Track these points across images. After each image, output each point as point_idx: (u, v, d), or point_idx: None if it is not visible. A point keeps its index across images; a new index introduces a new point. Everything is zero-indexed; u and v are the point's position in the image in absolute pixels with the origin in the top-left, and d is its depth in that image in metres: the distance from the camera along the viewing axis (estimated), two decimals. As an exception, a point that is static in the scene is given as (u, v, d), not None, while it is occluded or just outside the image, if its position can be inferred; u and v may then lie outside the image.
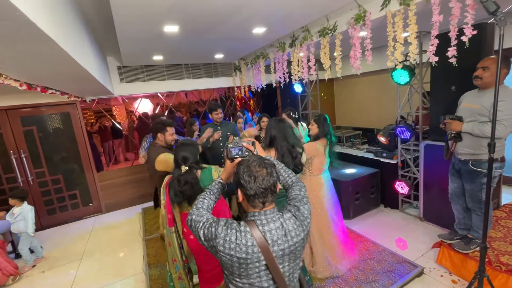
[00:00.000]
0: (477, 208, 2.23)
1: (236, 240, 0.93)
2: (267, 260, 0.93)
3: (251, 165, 1.01)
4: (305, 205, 1.09)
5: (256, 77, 4.56)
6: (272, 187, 1.00)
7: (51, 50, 1.43)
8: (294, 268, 1.05)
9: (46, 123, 4.29)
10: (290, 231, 0.98)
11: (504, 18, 1.40)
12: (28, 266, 3.17)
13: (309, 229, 1.07)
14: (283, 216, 1.01)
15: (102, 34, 3.12)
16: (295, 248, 0.99)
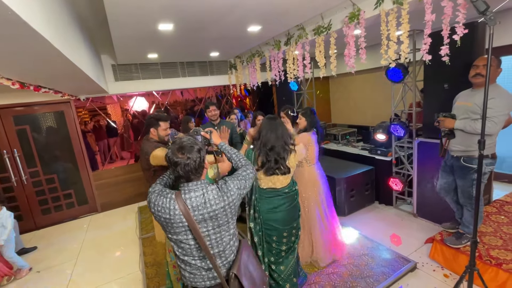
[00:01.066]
0: (468, 203, 2.29)
1: (162, 204, 1.16)
2: (188, 222, 1.14)
3: (173, 151, 1.16)
4: (235, 180, 1.26)
5: (251, 75, 4.56)
6: (193, 170, 1.16)
7: (43, 49, 1.42)
8: (220, 232, 1.22)
9: (39, 122, 4.25)
10: (210, 199, 1.16)
11: (494, 18, 1.42)
12: (25, 270, 3.06)
13: (233, 199, 1.22)
14: (206, 187, 1.19)
15: (95, 32, 3.09)
16: (215, 215, 1.17)
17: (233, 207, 1.23)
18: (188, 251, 1.22)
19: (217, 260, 1.25)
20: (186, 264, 1.25)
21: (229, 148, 1.51)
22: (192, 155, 1.15)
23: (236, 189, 1.23)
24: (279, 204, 1.96)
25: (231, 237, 1.28)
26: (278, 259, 2.04)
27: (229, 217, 1.23)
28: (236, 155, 1.48)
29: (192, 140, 1.21)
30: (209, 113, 3.23)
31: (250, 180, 1.34)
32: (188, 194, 1.16)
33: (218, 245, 1.22)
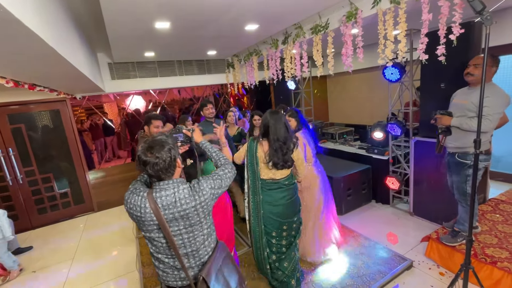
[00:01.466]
0: (462, 199, 2.33)
1: (134, 202, 1.16)
2: (158, 220, 1.14)
3: (143, 150, 1.15)
4: (209, 180, 1.26)
5: (249, 74, 4.55)
6: (163, 170, 1.15)
7: (37, 48, 1.40)
8: (193, 232, 1.21)
9: (35, 121, 4.20)
10: (181, 199, 1.15)
11: (490, 17, 1.43)
12: (15, 271, 3.01)
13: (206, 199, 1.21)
14: (178, 187, 1.18)
15: (91, 30, 3.06)
16: (185, 214, 1.16)
17: (205, 206, 1.22)
18: (160, 249, 1.22)
19: (191, 260, 1.25)
20: (159, 262, 1.26)
21: (210, 146, 1.52)
22: (161, 154, 1.14)
23: (209, 189, 1.22)
24: (279, 197, 1.98)
25: (205, 237, 1.27)
26: (281, 256, 2.05)
27: (201, 217, 1.22)
28: (216, 154, 1.49)
29: (163, 139, 1.18)
30: (206, 111, 3.24)
31: (228, 180, 1.34)
32: (159, 192, 1.16)
33: (191, 244, 1.22)
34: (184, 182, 1.22)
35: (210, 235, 1.31)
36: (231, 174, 1.37)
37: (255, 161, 1.98)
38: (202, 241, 1.26)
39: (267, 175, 1.97)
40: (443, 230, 2.65)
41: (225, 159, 1.47)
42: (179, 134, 1.50)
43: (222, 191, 1.31)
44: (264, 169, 1.97)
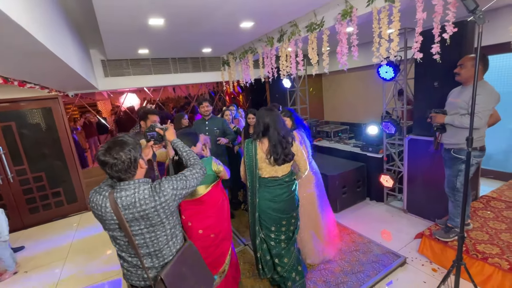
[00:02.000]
0: (451, 194, 2.40)
1: (96, 201, 1.18)
2: (118, 220, 1.16)
3: (102, 150, 1.14)
4: (172, 181, 1.24)
5: (244, 72, 4.53)
6: (122, 171, 1.15)
7: (26, 43, 1.37)
8: (155, 232, 1.22)
9: (26, 119, 4.12)
10: (140, 199, 1.15)
11: (482, 16, 1.44)
12: (8, 273, 2.95)
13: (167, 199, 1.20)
14: (139, 187, 1.18)
15: (84, 26, 3.00)
16: (145, 214, 1.17)
17: (166, 207, 1.21)
18: (123, 248, 1.24)
19: (154, 260, 1.25)
20: (124, 261, 1.28)
21: (181, 146, 1.53)
22: (120, 155, 1.13)
23: (170, 190, 1.22)
24: (280, 193, 1.99)
25: (168, 238, 1.27)
26: (281, 251, 2.07)
27: (162, 217, 1.21)
28: (187, 153, 1.50)
29: (124, 139, 1.18)
30: (202, 109, 3.26)
31: (195, 180, 1.34)
32: (119, 193, 1.16)
33: (154, 244, 1.22)
34: (146, 183, 1.21)
35: (175, 236, 1.30)
36: (199, 175, 1.37)
37: (254, 163, 1.97)
38: (165, 242, 1.25)
39: (269, 173, 1.98)
40: (435, 227, 2.68)
41: (195, 159, 1.47)
42: (153, 133, 1.52)
43: (188, 191, 1.31)
44: (265, 168, 1.97)
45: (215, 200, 1.95)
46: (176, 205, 1.28)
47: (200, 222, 1.92)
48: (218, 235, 1.97)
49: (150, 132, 1.52)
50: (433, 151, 2.92)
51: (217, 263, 2.03)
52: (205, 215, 1.92)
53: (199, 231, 1.92)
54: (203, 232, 1.93)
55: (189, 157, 1.48)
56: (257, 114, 2.02)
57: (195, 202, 1.90)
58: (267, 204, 1.99)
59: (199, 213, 1.92)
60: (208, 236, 1.94)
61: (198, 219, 1.92)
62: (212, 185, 1.93)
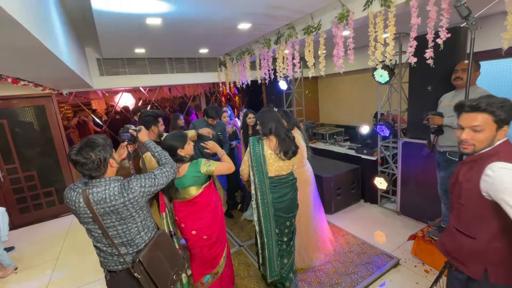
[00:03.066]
0: (444, 196, 2.44)
1: (70, 197, 1.29)
2: (92, 214, 1.26)
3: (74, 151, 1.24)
4: (141, 179, 1.35)
5: (241, 73, 4.54)
6: (93, 170, 1.25)
7: (21, 38, 1.35)
8: (126, 224, 1.33)
9: (18, 117, 4.05)
10: (110, 195, 1.26)
11: (475, 23, 1.49)
12: (10, 269, 2.96)
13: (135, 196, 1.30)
14: (109, 184, 1.29)
15: (79, 23, 2.97)
16: (115, 209, 1.27)
17: (135, 203, 1.32)
18: (98, 239, 1.35)
19: (128, 248, 1.37)
20: (100, 251, 1.40)
21: (154, 146, 1.62)
22: (90, 155, 1.23)
23: (138, 187, 1.32)
24: (286, 192, 2.03)
25: (139, 229, 1.39)
26: (282, 253, 2.08)
27: (131, 212, 1.32)
28: (159, 153, 1.59)
29: (96, 140, 1.27)
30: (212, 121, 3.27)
31: (164, 178, 1.44)
32: (91, 189, 1.27)
33: (126, 235, 1.35)
34: (117, 180, 1.32)
35: (146, 227, 1.42)
36: (169, 173, 1.48)
37: (262, 160, 2.00)
38: (137, 232, 1.38)
39: (275, 171, 2.01)
40: (428, 228, 2.72)
41: (166, 158, 1.56)
42: (126, 134, 1.62)
43: (157, 189, 1.41)
44: (272, 165, 2.00)
45: (207, 202, 1.94)
46: (145, 201, 1.39)
47: (193, 223, 1.92)
48: (210, 237, 1.97)
49: (125, 133, 1.63)
50: (427, 154, 2.97)
51: (210, 264, 2.03)
52: (198, 216, 1.92)
53: (192, 232, 1.93)
54: (196, 233, 1.93)
55: (161, 157, 1.58)
56: (261, 115, 2.08)
57: (188, 204, 1.90)
58: (275, 204, 2.01)
59: (192, 214, 1.92)
60: (201, 238, 1.95)
61: (191, 220, 1.92)
62: (204, 187, 1.92)
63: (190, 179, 1.85)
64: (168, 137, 1.91)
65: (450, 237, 1.35)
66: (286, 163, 2.02)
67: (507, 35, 1.74)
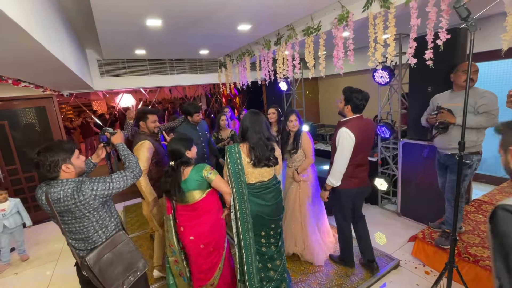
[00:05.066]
0: (452, 199, 2.35)
1: (36, 194, 1.42)
2: (51, 210, 1.36)
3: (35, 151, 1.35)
4: (94, 182, 1.40)
5: (241, 74, 4.55)
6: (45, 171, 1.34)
7: (21, 40, 1.36)
8: (82, 222, 1.40)
9: (19, 118, 4.06)
10: (64, 196, 1.34)
11: (475, 24, 1.48)
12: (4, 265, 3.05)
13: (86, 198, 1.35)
14: (65, 186, 1.36)
15: (80, 25, 2.98)
16: (68, 209, 1.35)
17: (86, 205, 1.37)
18: (62, 232, 1.46)
19: (86, 244, 1.45)
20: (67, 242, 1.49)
21: (123, 149, 1.67)
22: (41, 158, 1.32)
23: (89, 190, 1.37)
24: (270, 197, 1.97)
25: (96, 228, 1.45)
26: (273, 255, 2.04)
27: (85, 212, 1.38)
28: (125, 156, 1.64)
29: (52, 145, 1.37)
30: (197, 117, 3.07)
31: (121, 182, 1.48)
32: (50, 189, 1.36)
33: (84, 231, 1.42)
34: (72, 182, 1.38)
35: (104, 226, 1.48)
36: (129, 178, 1.52)
37: (240, 169, 1.90)
38: (93, 231, 1.44)
39: (256, 178, 1.93)
40: (429, 230, 2.71)
41: (130, 163, 1.59)
42: (103, 136, 1.72)
43: (111, 192, 1.45)
44: (252, 173, 1.92)
45: (209, 208, 1.91)
46: (99, 203, 1.42)
47: (192, 229, 1.89)
48: (207, 245, 1.91)
49: (102, 135, 1.73)
50: (426, 154, 2.97)
51: (205, 276, 1.98)
52: (197, 222, 1.89)
53: (190, 237, 1.90)
54: (194, 239, 1.89)
55: (125, 160, 1.63)
56: (243, 118, 1.98)
57: (190, 208, 1.87)
58: (259, 209, 1.94)
59: (192, 219, 1.89)
60: (198, 245, 1.90)
61: (190, 226, 1.89)
62: (207, 192, 1.89)
63: (193, 183, 1.83)
64: (174, 139, 1.89)
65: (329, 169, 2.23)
66: (267, 169, 1.93)
67: (506, 36, 1.74)
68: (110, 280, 1.44)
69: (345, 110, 2.16)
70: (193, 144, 1.93)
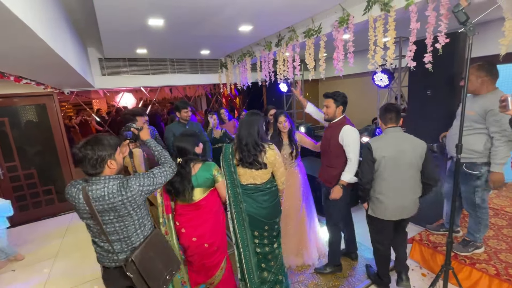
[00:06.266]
0: (471, 210, 2.23)
1: (71, 193, 1.33)
2: (90, 210, 1.29)
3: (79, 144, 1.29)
4: (139, 178, 1.38)
5: (242, 75, 4.57)
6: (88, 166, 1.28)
7: (25, 37, 1.37)
8: (123, 222, 1.36)
9: (19, 115, 4.07)
10: (109, 193, 1.29)
11: (473, 28, 1.50)
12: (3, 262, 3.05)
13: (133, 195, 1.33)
14: (108, 182, 1.32)
15: (82, 24, 3.00)
16: (113, 207, 1.30)
17: (133, 201, 1.34)
18: (96, 234, 1.39)
19: (123, 245, 1.39)
20: (97, 246, 1.43)
21: (154, 145, 1.64)
22: (87, 152, 1.27)
23: (137, 186, 1.35)
24: (263, 200, 1.96)
25: (136, 227, 1.42)
26: (267, 255, 2.04)
27: (129, 210, 1.35)
28: (159, 152, 1.62)
29: (100, 139, 1.31)
30: (185, 113, 3.18)
31: (163, 178, 1.48)
32: (91, 186, 1.30)
33: (123, 232, 1.37)
34: (116, 178, 1.34)
35: (143, 225, 1.45)
36: (169, 173, 1.52)
37: (232, 169, 1.92)
38: (133, 230, 1.40)
39: (247, 180, 1.94)
40: (426, 232, 2.73)
41: (165, 158, 1.59)
42: (128, 132, 1.66)
43: (155, 188, 1.44)
44: (243, 174, 1.93)
45: (211, 206, 1.91)
46: (143, 199, 1.41)
47: (194, 229, 1.88)
48: (212, 245, 1.91)
49: (127, 131, 1.67)
50: None
51: (205, 274, 1.98)
52: (200, 221, 1.88)
53: (193, 239, 1.89)
54: (197, 240, 1.88)
55: (160, 156, 1.60)
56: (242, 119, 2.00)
57: (192, 207, 1.87)
58: (252, 210, 1.95)
59: (194, 219, 1.88)
60: (202, 245, 1.90)
61: (193, 226, 1.88)
62: (210, 190, 1.90)
63: (201, 179, 1.83)
64: (180, 137, 1.90)
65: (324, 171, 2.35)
66: (259, 172, 1.90)
67: (504, 41, 1.76)
68: (154, 279, 1.41)
69: (337, 111, 2.25)
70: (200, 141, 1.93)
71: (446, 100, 2.78)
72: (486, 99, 1.98)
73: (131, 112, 2.47)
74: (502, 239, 2.51)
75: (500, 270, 2.11)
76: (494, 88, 2.02)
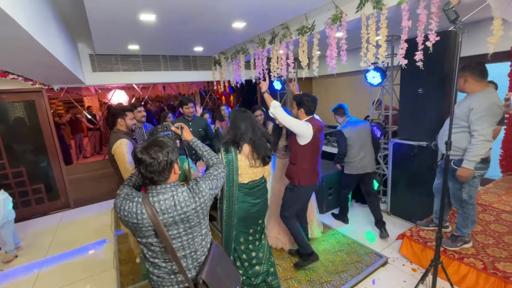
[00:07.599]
0: (459, 206, 2.30)
1: (128, 209, 1.10)
2: (155, 225, 1.10)
3: (142, 147, 1.12)
4: (207, 180, 1.25)
5: (236, 72, 4.54)
6: (156, 172, 1.11)
7: (10, 30, 1.33)
8: (192, 233, 1.21)
9: (7, 112, 3.97)
10: (181, 202, 1.14)
11: (462, 27, 1.52)
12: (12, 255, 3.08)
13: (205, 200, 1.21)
14: (177, 190, 1.16)
15: (71, 18, 2.92)
16: (186, 217, 1.16)
17: (204, 208, 1.22)
18: (158, 254, 1.19)
19: (188, 261, 1.23)
20: (155, 267, 1.22)
21: (201, 145, 1.50)
22: (158, 156, 1.09)
23: (208, 190, 1.22)
24: (260, 194, 2.05)
25: (203, 237, 1.28)
26: (259, 249, 2.10)
27: (200, 218, 1.22)
28: (208, 152, 1.48)
29: (165, 140, 1.15)
30: (187, 109, 3.17)
31: (222, 180, 1.34)
32: (157, 197, 1.13)
33: (190, 246, 1.22)
34: (181, 185, 1.20)
35: (207, 235, 1.32)
36: (224, 174, 1.38)
37: (234, 170, 1.91)
38: (200, 242, 1.26)
39: (250, 177, 1.97)
40: (416, 228, 2.77)
41: (217, 158, 1.44)
42: (167, 132, 1.41)
43: (218, 191, 1.31)
44: (246, 173, 1.94)
45: None
46: (210, 205, 1.28)
47: None
48: None
49: (165, 131, 1.41)
50: (412, 154, 3.00)
51: None
52: None
53: None
54: None
55: (210, 156, 1.45)
56: (232, 118, 1.97)
57: None
58: (249, 208, 1.99)
59: None
60: None
61: None
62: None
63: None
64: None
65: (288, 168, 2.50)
66: (259, 169, 1.99)
67: (493, 39, 1.79)
68: None
69: (300, 114, 2.40)
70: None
71: (437, 98, 2.82)
72: (472, 98, 2.05)
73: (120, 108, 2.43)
74: (490, 234, 2.56)
75: (487, 264, 2.16)
76: (482, 88, 2.06)
